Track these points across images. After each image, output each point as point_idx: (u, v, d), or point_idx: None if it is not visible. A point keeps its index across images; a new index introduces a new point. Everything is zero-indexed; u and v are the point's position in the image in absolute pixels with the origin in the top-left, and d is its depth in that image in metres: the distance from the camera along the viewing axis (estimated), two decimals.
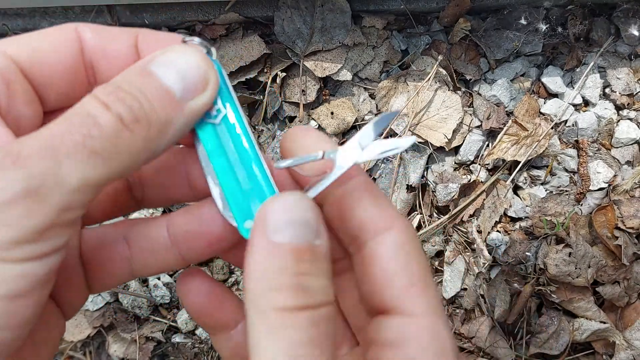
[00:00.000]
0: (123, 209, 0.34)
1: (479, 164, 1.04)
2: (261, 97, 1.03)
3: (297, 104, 1.04)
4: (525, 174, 1.06)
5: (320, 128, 1.04)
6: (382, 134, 0.31)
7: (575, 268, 0.96)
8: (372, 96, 1.06)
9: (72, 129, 0.24)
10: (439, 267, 1.05)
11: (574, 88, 1.07)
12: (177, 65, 0.27)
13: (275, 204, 0.26)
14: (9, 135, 0.26)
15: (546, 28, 1.06)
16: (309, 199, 0.27)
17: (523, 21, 1.05)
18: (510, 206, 1.04)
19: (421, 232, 1.02)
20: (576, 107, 1.07)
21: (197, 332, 1.04)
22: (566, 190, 1.04)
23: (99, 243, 0.32)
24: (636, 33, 1.03)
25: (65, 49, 0.29)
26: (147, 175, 0.34)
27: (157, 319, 1.05)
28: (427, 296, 0.27)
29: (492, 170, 1.05)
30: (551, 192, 1.04)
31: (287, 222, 0.26)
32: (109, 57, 0.30)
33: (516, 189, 1.06)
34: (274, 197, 0.27)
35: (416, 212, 1.05)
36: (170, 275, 1.05)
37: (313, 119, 1.04)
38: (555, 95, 1.08)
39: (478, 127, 1.05)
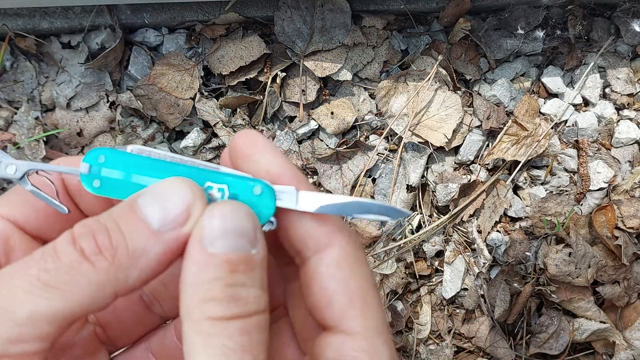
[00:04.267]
0: (148, 326, 0.35)
1: (479, 164, 1.04)
2: (261, 97, 1.03)
3: (297, 104, 1.04)
4: (525, 174, 1.06)
5: (320, 128, 1.04)
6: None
7: (575, 268, 0.96)
8: (372, 96, 1.06)
9: (31, 262, 0.25)
10: (439, 267, 1.05)
11: (574, 88, 1.07)
12: (162, 198, 0.27)
13: (212, 213, 0.27)
14: None
15: (546, 28, 1.06)
16: (246, 207, 0.27)
17: (523, 21, 1.05)
18: (510, 206, 1.04)
19: (421, 232, 1.02)
20: (576, 107, 1.07)
21: None
22: (566, 190, 1.03)
23: None
24: (638, 29, 1.03)
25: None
26: (158, 289, 0.34)
27: None
28: (366, 316, 0.28)
29: (492, 170, 1.05)
30: (551, 192, 1.04)
31: (223, 232, 0.26)
32: (84, 199, 0.32)
33: (516, 188, 1.06)
34: (212, 205, 0.27)
35: (416, 212, 1.05)
36: None
37: (313, 119, 1.04)
38: (555, 95, 1.08)
39: (478, 127, 1.05)
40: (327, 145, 1.04)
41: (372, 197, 1.04)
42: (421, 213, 1.04)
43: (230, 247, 0.26)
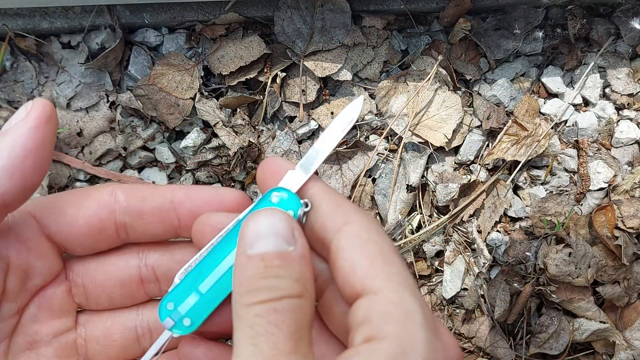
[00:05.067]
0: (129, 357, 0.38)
1: (479, 164, 1.04)
2: (261, 97, 1.03)
3: (297, 104, 1.04)
4: (525, 174, 1.06)
5: (320, 128, 1.04)
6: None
7: (575, 268, 0.96)
8: (372, 96, 1.06)
9: None
10: (439, 267, 1.05)
11: (574, 88, 1.07)
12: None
13: (249, 223, 0.30)
14: None
15: (546, 28, 1.06)
16: (280, 211, 0.30)
17: (523, 21, 1.05)
18: (510, 206, 1.04)
19: (421, 232, 1.02)
20: (576, 107, 1.07)
21: None
22: (566, 190, 1.04)
23: None
24: (638, 26, 1.03)
25: (93, 214, 0.34)
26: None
27: None
28: (389, 272, 0.29)
29: (492, 170, 1.05)
30: (551, 192, 1.04)
31: (258, 236, 0.29)
32: (144, 216, 0.34)
33: (516, 189, 1.06)
34: (251, 215, 0.30)
35: (416, 212, 1.05)
36: None
37: (313, 119, 1.04)
38: (555, 95, 1.08)
39: (478, 127, 1.05)
40: None
41: (372, 197, 1.04)
42: (421, 213, 1.04)
43: (266, 247, 0.29)
